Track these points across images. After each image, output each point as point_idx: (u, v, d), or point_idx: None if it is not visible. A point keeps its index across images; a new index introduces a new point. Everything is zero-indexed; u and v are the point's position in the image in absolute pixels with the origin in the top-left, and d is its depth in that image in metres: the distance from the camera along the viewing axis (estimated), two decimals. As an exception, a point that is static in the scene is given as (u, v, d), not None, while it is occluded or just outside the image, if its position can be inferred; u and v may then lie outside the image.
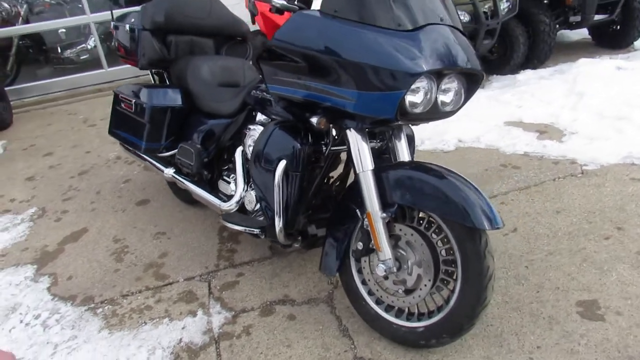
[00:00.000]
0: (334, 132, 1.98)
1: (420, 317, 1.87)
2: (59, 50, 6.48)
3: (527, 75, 4.57)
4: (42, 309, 2.39)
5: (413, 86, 1.60)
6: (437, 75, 1.66)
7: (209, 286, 2.42)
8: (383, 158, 2.06)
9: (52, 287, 2.56)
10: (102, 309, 2.35)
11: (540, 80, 4.32)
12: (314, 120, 1.80)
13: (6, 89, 5.48)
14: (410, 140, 2.23)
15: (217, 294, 2.36)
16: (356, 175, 1.82)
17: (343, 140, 1.97)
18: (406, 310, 1.91)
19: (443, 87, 1.72)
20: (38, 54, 6.71)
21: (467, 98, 1.82)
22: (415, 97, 1.66)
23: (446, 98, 1.76)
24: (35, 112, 5.72)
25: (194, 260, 2.63)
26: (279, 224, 1.91)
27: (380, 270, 1.78)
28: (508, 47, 4.70)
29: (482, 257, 1.66)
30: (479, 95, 4.22)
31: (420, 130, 3.71)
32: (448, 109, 1.78)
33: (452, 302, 1.75)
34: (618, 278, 2.12)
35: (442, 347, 1.88)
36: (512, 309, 2.03)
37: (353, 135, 1.80)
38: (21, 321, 2.33)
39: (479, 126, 3.62)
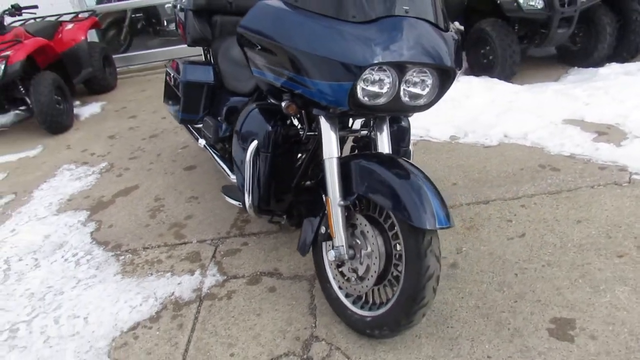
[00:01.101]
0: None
1: (372, 307, 1.90)
2: (165, 23, 7.10)
3: (611, 69, 4.09)
4: (81, 249, 2.80)
5: (365, 77, 1.61)
6: (398, 69, 1.64)
7: (215, 250, 2.64)
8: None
9: (94, 232, 2.97)
10: (124, 256, 2.69)
11: (623, 76, 3.84)
12: (283, 104, 1.88)
13: (117, 56, 6.19)
14: (404, 131, 2.21)
15: (218, 258, 2.57)
16: (322, 161, 1.87)
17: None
18: (363, 298, 1.95)
19: (409, 80, 1.70)
20: (147, 26, 7.42)
21: (439, 93, 1.77)
22: (372, 89, 1.66)
23: (416, 91, 1.73)
24: (136, 78, 6.40)
25: (211, 226, 2.86)
26: (248, 199, 2.03)
27: (331, 256, 1.83)
28: (593, 37, 4.22)
29: (422, 256, 1.65)
30: (547, 87, 3.90)
31: (467, 123, 3.57)
32: (419, 102, 1.75)
33: (394, 298, 1.76)
34: (611, 301, 1.94)
35: (393, 340, 1.90)
36: (481, 315, 1.96)
37: (323, 123, 1.85)
38: (62, 256, 2.75)
39: (534, 121, 3.37)
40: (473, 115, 3.56)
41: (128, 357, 2.01)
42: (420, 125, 3.61)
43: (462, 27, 4.38)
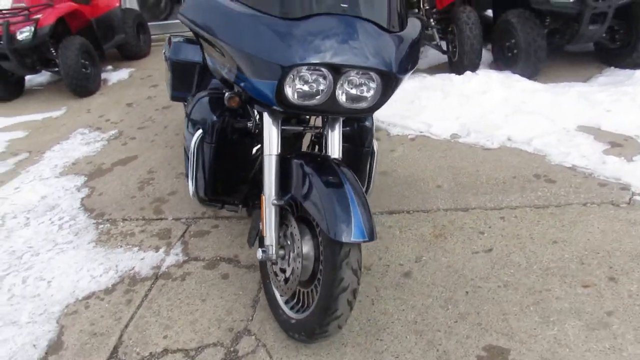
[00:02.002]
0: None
1: (299, 310, 1.87)
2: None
3: (649, 73, 3.70)
4: (68, 213, 2.93)
5: (294, 76, 1.54)
6: (333, 70, 1.56)
7: (186, 230, 2.68)
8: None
9: (85, 198, 3.09)
10: (103, 225, 2.79)
11: (660, 82, 3.48)
12: (225, 96, 1.84)
13: (154, 24, 6.30)
14: (364, 131, 2.12)
15: (186, 238, 2.60)
16: (263, 157, 1.83)
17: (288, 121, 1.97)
18: (295, 299, 1.92)
19: (350, 81, 1.61)
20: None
21: (383, 97, 1.67)
22: (303, 88, 1.58)
23: (356, 94, 1.64)
24: (172, 45, 6.52)
25: (190, 204, 2.90)
26: (191, 187, 2.03)
27: (258, 254, 1.80)
28: (633, 35, 3.81)
29: (337, 268, 1.59)
30: (571, 88, 3.59)
31: (473, 121, 3.38)
32: (360, 105, 1.66)
33: (312, 305, 1.72)
34: (556, 335, 1.80)
35: (319, 345, 1.86)
36: (415, 331, 1.89)
37: (266, 118, 1.80)
38: (50, 219, 2.89)
39: (544, 125, 3.13)
40: (482, 113, 3.36)
41: (74, 325, 2.09)
42: (422, 119, 3.45)
43: (424, 18, 4.10)
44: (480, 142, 3.17)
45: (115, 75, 5.42)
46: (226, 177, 2.04)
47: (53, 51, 4.68)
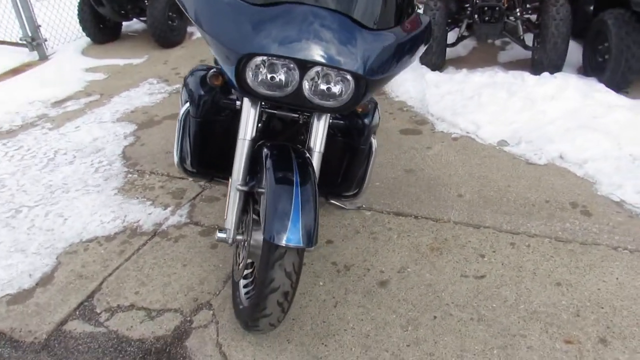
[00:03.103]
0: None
1: (249, 298, 1.85)
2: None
3: None
4: (108, 158, 3.15)
5: (253, 64, 1.48)
6: (299, 63, 1.47)
7: (199, 193, 2.76)
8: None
9: (128, 146, 3.30)
10: (132, 175, 2.96)
11: None
12: (209, 74, 1.82)
13: None
14: (360, 128, 1.99)
15: (196, 201, 2.69)
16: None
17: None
18: (251, 286, 1.91)
19: (317, 77, 1.51)
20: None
21: (356, 97, 1.55)
22: (263, 78, 1.52)
23: (324, 89, 1.54)
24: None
25: (213, 168, 2.97)
26: (175, 157, 2.06)
27: (216, 235, 1.80)
28: None
29: (269, 268, 1.55)
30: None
31: (528, 130, 3.04)
32: (330, 103, 1.57)
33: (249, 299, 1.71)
34: (509, 387, 1.61)
35: (266, 336, 1.85)
36: (362, 345, 1.80)
37: (245, 102, 1.76)
38: (92, 161, 3.14)
39: (606, 148, 2.72)
40: (540, 123, 3.00)
41: (68, 263, 2.28)
42: (473, 119, 3.17)
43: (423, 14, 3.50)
44: (527, 155, 2.85)
45: (201, 30, 5.63)
46: (211, 152, 2.04)
47: (145, 1, 4.96)
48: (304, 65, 1.48)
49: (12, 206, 2.70)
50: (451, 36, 4.10)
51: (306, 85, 1.53)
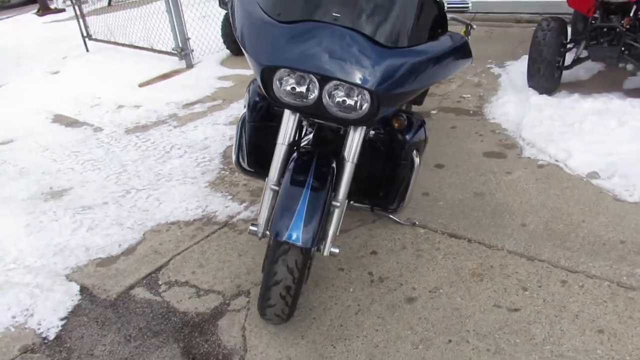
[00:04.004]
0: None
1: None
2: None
3: None
4: (210, 155, 3.56)
5: (281, 76, 1.64)
6: (320, 76, 1.60)
7: (273, 193, 2.99)
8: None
9: (230, 146, 3.68)
10: (224, 172, 3.32)
11: None
12: (255, 83, 2.02)
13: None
14: (400, 142, 2.03)
15: (268, 201, 2.93)
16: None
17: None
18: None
19: (334, 89, 1.63)
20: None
21: (373, 111, 1.62)
22: (286, 88, 1.67)
23: (344, 102, 1.65)
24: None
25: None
26: (233, 156, 2.29)
27: (250, 227, 1.98)
28: None
29: (273, 261, 1.70)
30: None
31: (628, 163, 2.71)
32: (350, 115, 1.67)
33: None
34: None
35: (284, 327, 1.99)
36: (367, 354, 1.84)
37: (286, 110, 1.93)
38: (197, 156, 3.57)
39: None
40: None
41: (151, 240, 2.67)
42: (566, 147, 2.92)
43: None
44: (617, 190, 2.55)
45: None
46: (264, 153, 2.24)
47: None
48: (325, 79, 1.60)
49: (125, 187, 3.23)
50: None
51: (325, 97, 1.65)
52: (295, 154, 1.87)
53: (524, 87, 3.78)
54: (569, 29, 3.82)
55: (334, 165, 1.86)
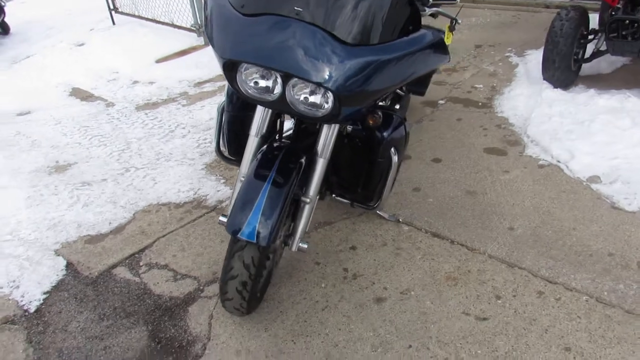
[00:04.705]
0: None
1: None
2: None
3: None
4: (211, 136, 3.57)
5: (245, 70, 1.61)
6: (283, 73, 1.56)
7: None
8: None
9: (232, 129, 3.68)
10: (222, 155, 3.32)
11: None
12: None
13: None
14: (376, 140, 1.97)
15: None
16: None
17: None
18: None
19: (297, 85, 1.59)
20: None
21: (338, 109, 1.57)
22: (249, 83, 1.64)
23: (303, 100, 1.61)
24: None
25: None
26: (213, 144, 2.28)
27: (218, 219, 1.98)
28: None
29: (229, 256, 1.72)
30: None
31: (632, 168, 2.57)
32: (317, 112, 1.63)
33: None
34: None
35: (251, 318, 2.00)
36: (325, 353, 1.83)
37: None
38: (199, 137, 3.59)
39: None
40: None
41: (140, 220, 2.71)
42: (569, 146, 2.78)
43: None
44: (616, 197, 2.42)
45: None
46: (243, 142, 2.22)
47: None
48: (288, 75, 1.56)
49: (125, 165, 3.28)
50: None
51: (289, 93, 1.61)
52: (264, 147, 1.85)
53: (540, 79, 3.61)
54: (594, 19, 3.60)
55: (302, 160, 1.82)
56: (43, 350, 1.97)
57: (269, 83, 1.63)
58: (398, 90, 2.96)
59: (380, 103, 2.31)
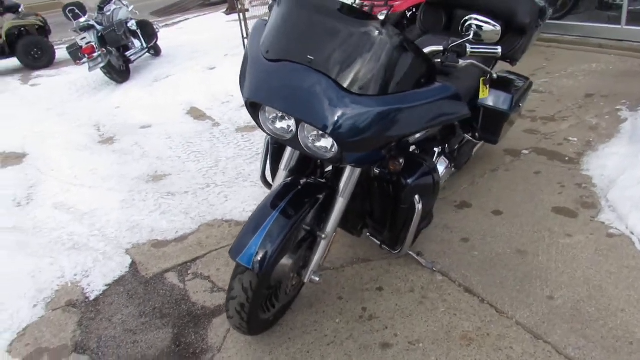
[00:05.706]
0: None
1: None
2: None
3: None
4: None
5: (266, 110, 1.77)
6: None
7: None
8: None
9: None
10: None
11: None
12: None
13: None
14: (400, 186, 1.99)
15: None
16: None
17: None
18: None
19: (308, 130, 1.72)
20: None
21: (343, 154, 1.66)
22: (268, 122, 1.80)
23: (310, 143, 1.74)
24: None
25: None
26: (260, 172, 2.44)
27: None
28: None
29: (233, 277, 1.85)
30: None
31: None
32: (326, 154, 1.74)
33: None
34: None
35: (259, 337, 2.11)
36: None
37: None
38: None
39: None
40: None
41: (201, 233, 2.99)
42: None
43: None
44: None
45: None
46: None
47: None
48: (298, 118, 1.69)
49: (208, 181, 3.63)
50: None
51: (302, 134, 1.73)
52: (288, 179, 1.97)
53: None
54: None
55: (321, 196, 1.91)
56: (87, 334, 2.29)
57: (284, 124, 1.77)
58: (467, 136, 2.91)
59: (412, 148, 2.29)
